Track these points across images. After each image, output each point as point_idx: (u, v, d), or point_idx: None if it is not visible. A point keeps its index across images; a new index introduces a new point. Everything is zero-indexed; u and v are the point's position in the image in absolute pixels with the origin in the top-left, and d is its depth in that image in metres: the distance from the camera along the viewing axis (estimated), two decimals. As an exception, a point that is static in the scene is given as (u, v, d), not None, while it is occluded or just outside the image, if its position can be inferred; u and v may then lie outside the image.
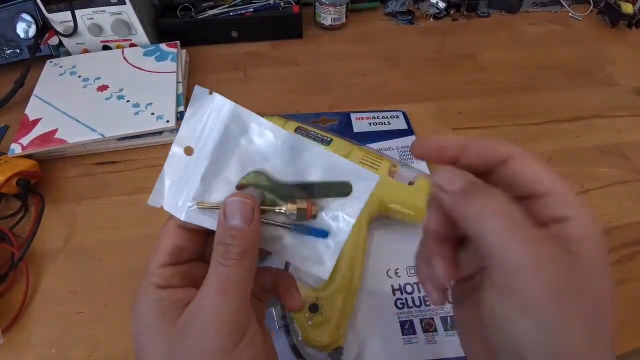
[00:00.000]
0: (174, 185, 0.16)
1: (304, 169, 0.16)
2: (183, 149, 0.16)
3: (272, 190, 0.16)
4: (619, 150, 0.38)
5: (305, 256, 0.16)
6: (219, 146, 0.16)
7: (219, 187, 0.16)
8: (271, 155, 0.16)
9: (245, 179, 0.16)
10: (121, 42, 0.44)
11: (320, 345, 0.23)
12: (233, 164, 0.16)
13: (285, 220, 0.16)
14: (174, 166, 0.16)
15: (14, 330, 0.26)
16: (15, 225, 0.30)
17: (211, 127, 0.16)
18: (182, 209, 0.16)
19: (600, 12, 0.55)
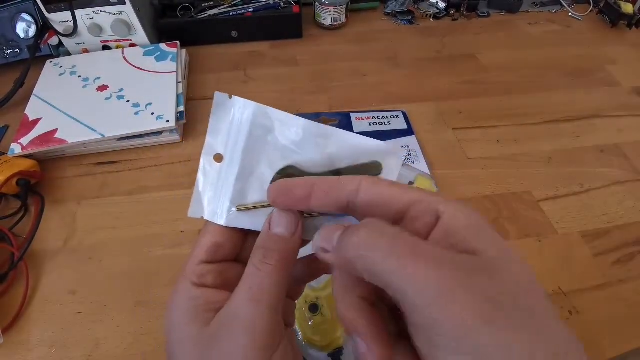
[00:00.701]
0: (210, 193, 0.16)
1: (332, 156, 0.16)
2: (213, 157, 0.16)
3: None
4: (619, 150, 0.38)
5: None
6: (247, 148, 0.16)
7: (254, 187, 0.16)
8: (299, 147, 0.16)
9: (277, 176, 0.16)
10: (121, 42, 0.44)
11: (321, 345, 0.23)
12: (263, 162, 0.16)
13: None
14: (207, 174, 0.16)
15: (14, 330, 0.26)
16: (15, 225, 0.30)
17: (237, 130, 0.16)
18: (222, 215, 0.16)
19: (600, 12, 0.55)
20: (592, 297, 0.27)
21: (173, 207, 0.32)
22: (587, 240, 0.31)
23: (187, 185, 0.34)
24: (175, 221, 0.31)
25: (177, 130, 0.36)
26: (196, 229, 0.31)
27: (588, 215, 0.32)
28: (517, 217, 0.32)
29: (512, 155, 0.37)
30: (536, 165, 0.36)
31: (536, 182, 0.34)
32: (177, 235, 0.30)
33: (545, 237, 0.31)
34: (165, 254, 0.29)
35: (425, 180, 0.30)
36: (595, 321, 0.26)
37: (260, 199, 0.16)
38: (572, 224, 0.31)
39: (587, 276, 0.28)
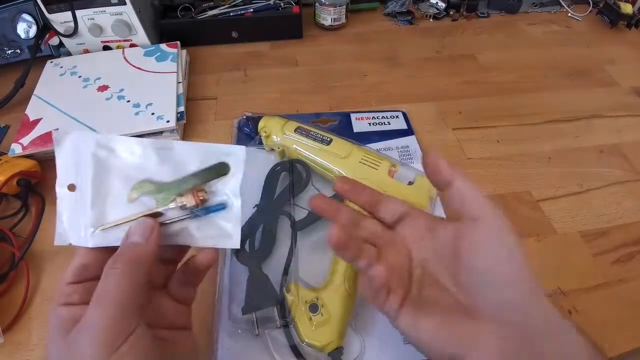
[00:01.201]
0: (71, 220, 0.17)
1: (180, 165, 0.17)
2: (67, 187, 0.17)
3: (161, 191, 0.17)
4: (619, 150, 0.38)
5: (214, 236, 0.18)
6: (96, 174, 0.17)
7: (112, 207, 0.17)
8: (145, 163, 0.17)
9: (133, 191, 0.17)
10: (122, 43, 0.45)
11: (321, 345, 0.23)
12: (115, 183, 0.17)
13: (182, 213, 0.17)
14: (66, 204, 0.17)
15: (14, 329, 0.26)
16: (15, 225, 0.30)
17: (82, 160, 0.17)
18: (87, 237, 0.17)
19: (600, 12, 0.55)
20: (592, 297, 0.27)
21: (173, 207, 0.32)
22: (586, 240, 0.31)
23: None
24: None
25: (177, 131, 0.36)
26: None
27: (587, 215, 0.32)
28: (517, 217, 0.32)
29: (512, 155, 0.37)
30: (536, 165, 0.36)
31: (536, 182, 0.34)
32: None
33: (545, 237, 0.31)
34: (165, 254, 0.29)
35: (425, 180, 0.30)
36: (595, 321, 0.26)
37: (122, 216, 0.17)
38: (571, 223, 0.32)
39: (586, 276, 0.28)
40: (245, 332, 0.25)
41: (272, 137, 0.33)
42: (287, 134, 0.33)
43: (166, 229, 0.17)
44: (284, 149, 0.33)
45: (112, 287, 0.16)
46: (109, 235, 0.17)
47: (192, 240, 0.18)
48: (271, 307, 0.25)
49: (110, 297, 0.16)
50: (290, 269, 0.27)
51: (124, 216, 0.17)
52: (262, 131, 0.33)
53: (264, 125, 0.34)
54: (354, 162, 0.30)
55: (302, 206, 0.30)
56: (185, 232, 0.18)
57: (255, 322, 0.25)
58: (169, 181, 0.17)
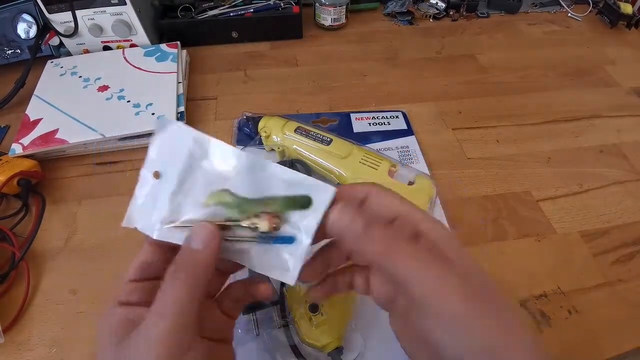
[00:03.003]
0: (146, 206, 0.17)
1: (265, 186, 0.17)
2: (152, 173, 0.17)
3: (237, 206, 0.17)
4: (618, 150, 0.38)
5: (273, 265, 0.17)
6: (184, 169, 0.17)
7: (187, 206, 0.17)
8: (232, 174, 0.17)
9: (211, 198, 0.17)
10: (122, 43, 0.45)
11: (321, 345, 0.23)
12: (198, 184, 0.17)
13: (250, 234, 0.17)
14: (145, 189, 0.17)
15: (15, 329, 0.26)
16: (16, 225, 0.30)
17: (176, 152, 0.17)
18: (154, 228, 0.17)
19: (600, 12, 0.55)
20: (592, 297, 0.27)
21: (173, 207, 0.32)
22: (586, 240, 0.31)
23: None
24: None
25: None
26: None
27: (587, 215, 0.32)
28: (517, 217, 0.32)
29: (512, 155, 0.37)
30: (535, 165, 0.36)
31: (535, 182, 0.35)
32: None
33: (545, 237, 0.31)
34: (165, 254, 0.29)
35: (425, 180, 0.30)
36: (595, 321, 0.26)
37: (193, 218, 0.17)
38: (571, 223, 0.32)
39: (586, 276, 0.28)
40: (246, 332, 0.25)
41: (272, 137, 0.33)
42: (287, 134, 0.33)
43: (229, 244, 0.17)
44: (284, 149, 0.33)
45: (175, 297, 0.15)
46: (175, 234, 0.17)
47: (249, 262, 0.17)
48: (271, 307, 0.25)
49: (173, 309, 0.15)
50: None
51: (196, 219, 0.17)
52: (262, 131, 0.33)
53: (264, 125, 0.34)
54: (354, 162, 0.30)
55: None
56: (245, 253, 0.17)
57: (255, 322, 0.25)
58: (248, 198, 0.17)
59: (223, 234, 0.16)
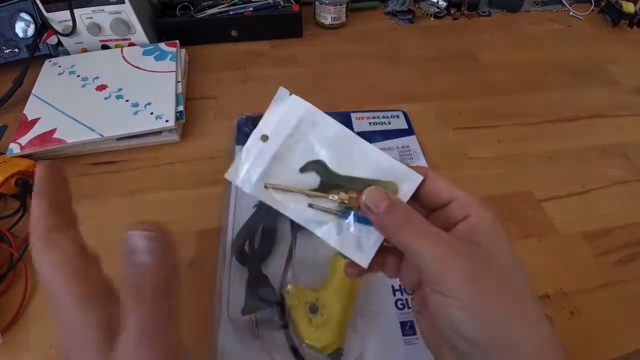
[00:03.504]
0: (247, 165, 0.18)
1: (357, 164, 0.18)
2: (260, 136, 0.19)
3: (327, 178, 0.18)
4: (620, 150, 0.37)
5: (347, 243, 0.18)
6: (289, 136, 0.18)
7: (284, 170, 0.18)
8: (330, 148, 0.18)
9: (307, 166, 0.18)
10: (120, 42, 0.44)
11: (320, 346, 0.23)
12: (298, 152, 0.18)
13: (335, 207, 0.18)
14: (251, 149, 0.19)
15: (13, 330, 0.26)
16: (13, 225, 0.30)
17: (286, 121, 0.19)
18: (251, 184, 0.18)
19: (602, 11, 0.55)
20: (594, 298, 0.27)
21: (172, 207, 0.32)
22: (588, 240, 0.30)
23: (187, 185, 0.34)
24: (174, 221, 0.31)
25: (176, 130, 0.36)
26: (195, 229, 0.31)
27: (589, 215, 0.32)
28: (518, 217, 0.32)
29: (513, 155, 0.37)
30: (537, 165, 0.36)
31: (537, 182, 0.34)
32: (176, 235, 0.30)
33: (547, 237, 0.30)
34: (164, 255, 0.29)
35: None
36: (597, 322, 0.26)
37: (287, 180, 0.18)
38: (573, 224, 0.31)
39: (588, 276, 0.28)
40: (245, 333, 0.24)
41: (272, 137, 0.33)
42: (286, 133, 0.32)
43: (312, 213, 0.18)
44: (284, 149, 0.33)
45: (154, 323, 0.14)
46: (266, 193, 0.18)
47: (328, 236, 0.18)
48: (271, 308, 0.25)
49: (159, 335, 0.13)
50: (290, 269, 0.26)
51: (289, 182, 0.18)
52: (262, 131, 0.33)
53: (264, 124, 0.34)
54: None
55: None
56: (324, 224, 0.18)
57: (254, 323, 0.24)
58: (338, 173, 0.18)
59: (308, 202, 0.18)
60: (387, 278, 0.27)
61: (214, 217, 0.31)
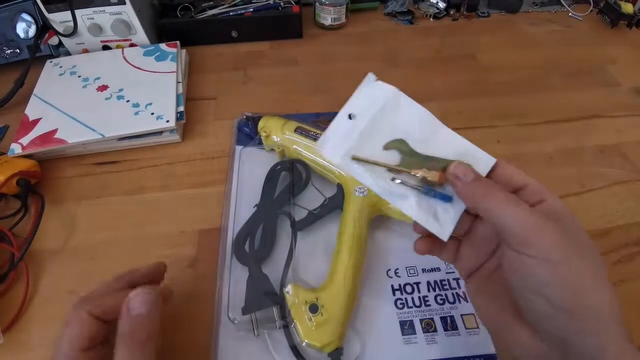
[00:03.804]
0: (335, 139, 0.20)
1: (436, 145, 0.20)
2: (347, 115, 0.21)
3: (408, 156, 0.20)
4: (619, 150, 0.38)
5: (427, 216, 0.19)
6: (376, 116, 0.20)
7: (369, 146, 0.20)
8: (412, 129, 0.20)
9: (391, 143, 0.20)
10: (121, 42, 0.44)
11: (320, 346, 0.23)
12: (383, 131, 0.20)
13: (415, 183, 0.20)
14: (339, 125, 0.20)
15: (14, 330, 0.26)
16: (15, 225, 0.30)
17: (373, 102, 0.21)
18: (338, 155, 0.20)
19: (601, 12, 0.55)
20: (593, 297, 0.27)
21: (173, 207, 0.32)
22: (587, 240, 0.30)
23: (187, 185, 0.34)
24: (175, 221, 0.31)
25: (177, 130, 0.36)
26: (195, 229, 0.31)
27: (588, 215, 0.32)
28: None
29: (513, 155, 0.37)
30: (536, 165, 0.36)
31: (536, 182, 0.34)
32: (176, 235, 0.30)
33: (546, 237, 0.30)
34: (165, 254, 0.29)
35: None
36: (596, 321, 0.26)
37: (371, 155, 0.20)
38: (572, 224, 0.31)
39: (587, 276, 0.28)
40: (245, 333, 0.25)
41: (272, 137, 0.33)
42: (287, 134, 0.33)
43: (394, 187, 0.19)
44: (284, 149, 0.33)
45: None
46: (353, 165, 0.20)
47: (408, 208, 0.19)
48: (271, 308, 0.25)
49: None
50: (290, 269, 0.27)
51: (373, 157, 0.20)
52: (262, 131, 0.33)
53: (264, 125, 0.34)
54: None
55: (302, 206, 0.30)
56: (405, 198, 0.19)
57: (255, 322, 0.25)
58: (419, 152, 0.20)
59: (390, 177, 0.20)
60: (387, 278, 0.28)
61: (214, 217, 0.31)
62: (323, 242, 0.29)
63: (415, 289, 0.27)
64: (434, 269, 0.28)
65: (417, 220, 0.19)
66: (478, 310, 0.20)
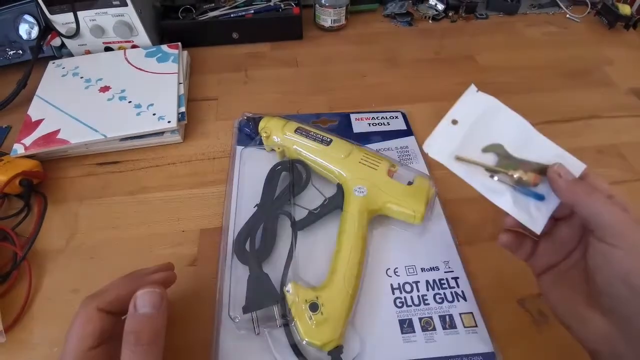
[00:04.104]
0: (440, 143, 0.22)
1: (530, 150, 0.22)
2: (451, 121, 0.23)
3: (506, 158, 0.22)
4: (617, 150, 0.38)
5: (522, 212, 0.21)
6: (476, 122, 0.23)
7: (470, 148, 0.22)
8: (509, 135, 0.22)
9: (489, 147, 0.22)
10: (123, 44, 0.45)
11: (320, 344, 0.23)
12: (483, 135, 0.22)
13: (511, 182, 0.22)
14: (443, 130, 0.23)
15: (17, 329, 0.26)
16: (17, 224, 0.31)
17: (474, 110, 0.23)
18: (443, 156, 0.22)
19: (598, 13, 0.55)
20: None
21: (174, 207, 0.33)
22: (584, 239, 0.31)
23: (188, 185, 0.34)
24: (177, 221, 0.32)
25: (178, 131, 0.37)
26: (197, 228, 0.31)
27: (586, 215, 0.32)
28: (516, 217, 0.32)
29: (511, 156, 0.37)
30: (534, 166, 0.36)
31: (534, 182, 0.35)
32: (178, 234, 0.31)
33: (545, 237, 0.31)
34: (166, 254, 0.29)
35: (424, 180, 0.30)
36: (593, 320, 0.26)
37: (472, 157, 0.22)
38: (570, 223, 0.32)
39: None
40: (246, 331, 0.25)
41: (273, 138, 0.33)
42: (287, 134, 0.33)
43: (492, 184, 0.22)
44: (284, 150, 0.33)
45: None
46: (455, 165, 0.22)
47: (504, 204, 0.21)
48: (271, 306, 0.25)
49: None
50: (291, 268, 0.27)
51: (474, 158, 0.22)
52: (263, 132, 0.34)
53: (265, 125, 0.34)
54: (353, 162, 0.31)
55: (302, 206, 0.30)
56: (498, 193, 0.21)
57: (255, 321, 0.25)
58: (514, 155, 0.22)
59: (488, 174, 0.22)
60: (386, 277, 0.28)
61: (215, 217, 0.31)
62: (323, 241, 0.29)
63: (414, 287, 0.27)
64: (433, 268, 0.28)
65: (512, 214, 0.21)
66: (552, 302, 0.22)
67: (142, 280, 0.21)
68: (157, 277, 0.22)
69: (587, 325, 0.20)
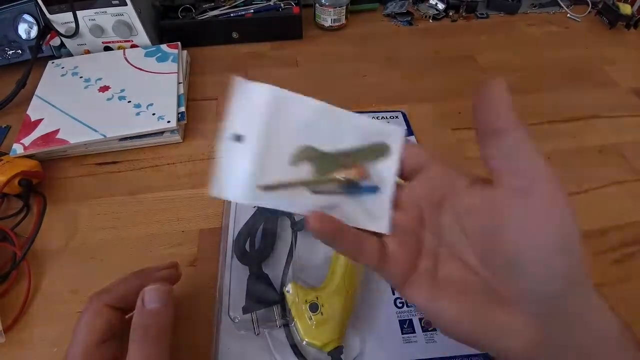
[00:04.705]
0: (231, 172, 0.16)
1: (342, 136, 0.17)
2: (232, 137, 0.16)
3: (322, 160, 0.17)
4: (618, 150, 0.38)
5: (362, 216, 0.17)
6: (266, 129, 0.16)
7: (273, 166, 0.16)
8: (312, 128, 0.17)
9: (296, 155, 0.17)
10: (122, 43, 0.45)
11: (320, 344, 0.23)
12: (281, 142, 0.16)
13: (337, 187, 0.17)
14: (227, 155, 0.16)
15: (16, 329, 0.26)
16: (17, 225, 0.30)
17: (254, 112, 0.16)
18: (244, 192, 0.16)
19: (599, 13, 0.55)
20: (591, 296, 0.27)
21: (174, 206, 0.32)
22: (585, 240, 0.30)
23: (188, 185, 0.34)
24: (176, 221, 0.31)
25: (178, 131, 0.37)
26: (196, 228, 0.31)
27: (587, 215, 0.32)
28: (516, 217, 0.32)
29: (511, 156, 0.37)
30: (535, 166, 0.36)
31: (535, 182, 0.35)
32: (177, 234, 0.31)
33: (544, 237, 0.31)
34: (166, 254, 0.29)
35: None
36: (594, 320, 0.26)
37: (280, 176, 0.16)
38: (570, 223, 0.32)
39: (585, 275, 0.28)
40: (246, 332, 0.25)
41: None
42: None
43: (318, 201, 0.16)
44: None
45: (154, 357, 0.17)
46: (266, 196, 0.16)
47: (343, 216, 0.16)
48: (271, 307, 0.25)
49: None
50: (290, 268, 0.27)
51: (282, 178, 0.16)
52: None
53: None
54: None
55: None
56: (337, 207, 0.17)
57: (255, 321, 0.25)
58: (331, 152, 0.17)
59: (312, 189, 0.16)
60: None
61: (215, 217, 0.31)
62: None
63: (415, 288, 0.27)
64: (434, 268, 0.28)
65: (354, 225, 0.16)
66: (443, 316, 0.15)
67: (149, 277, 0.21)
68: (164, 273, 0.22)
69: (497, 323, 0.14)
